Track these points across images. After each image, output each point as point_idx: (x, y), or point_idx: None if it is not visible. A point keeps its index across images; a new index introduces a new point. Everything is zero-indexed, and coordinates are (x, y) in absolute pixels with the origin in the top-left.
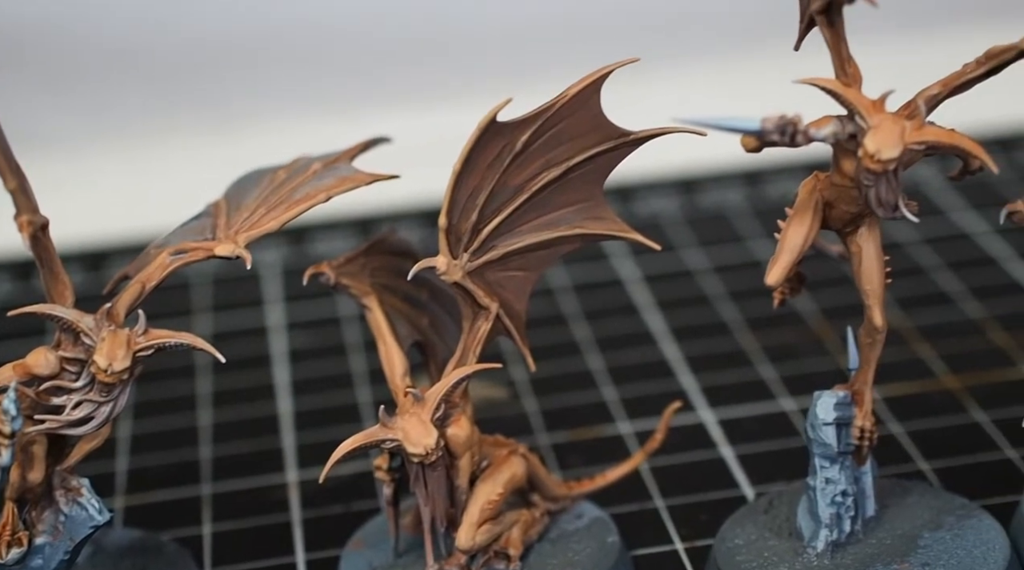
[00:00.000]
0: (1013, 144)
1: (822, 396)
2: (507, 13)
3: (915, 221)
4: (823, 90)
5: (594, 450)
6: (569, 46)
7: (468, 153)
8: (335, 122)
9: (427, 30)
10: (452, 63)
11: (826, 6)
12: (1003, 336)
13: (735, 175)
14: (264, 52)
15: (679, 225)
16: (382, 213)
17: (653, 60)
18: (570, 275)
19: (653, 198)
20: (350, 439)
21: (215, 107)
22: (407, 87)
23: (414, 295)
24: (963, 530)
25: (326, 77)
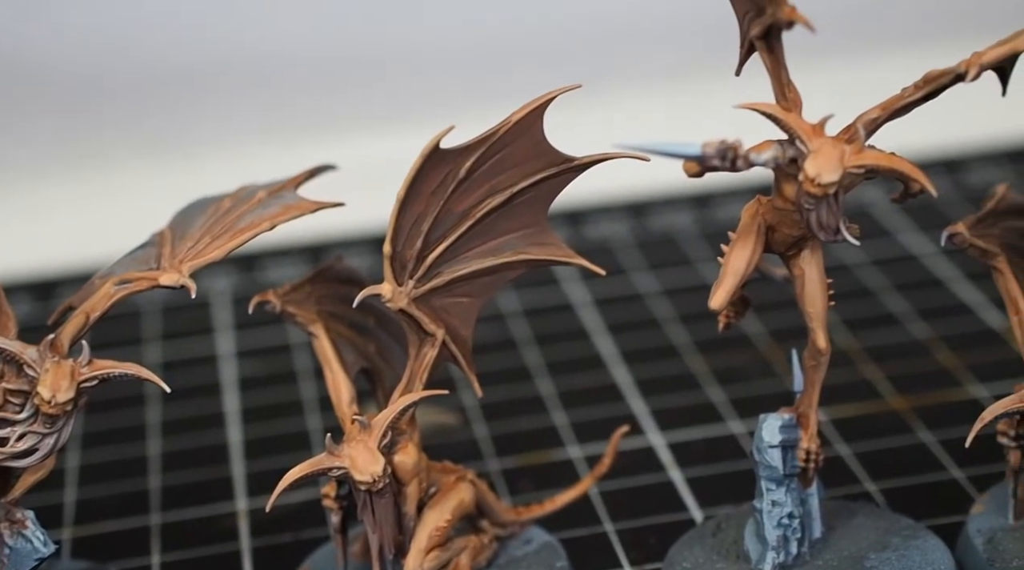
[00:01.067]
0: (958, 166)
1: (767, 419)
2: (451, 40)
3: (856, 244)
4: (763, 115)
5: (544, 475)
6: (513, 72)
7: (412, 180)
8: (281, 150)
9: (371, 57)
10: (397, 90)
11: (765, 31)
12: (949, 357)
13: (684, 198)
14: (209, 81)
15: (629, 249)
16: (333, 240)
17: (597, 86)
18: (520, 300)
19: (603, 222)
20: (297, 467)
21: (161, 137)
22: (353, 114)
23: (361, 322)
24: (909, 551)
25: (272, 105)
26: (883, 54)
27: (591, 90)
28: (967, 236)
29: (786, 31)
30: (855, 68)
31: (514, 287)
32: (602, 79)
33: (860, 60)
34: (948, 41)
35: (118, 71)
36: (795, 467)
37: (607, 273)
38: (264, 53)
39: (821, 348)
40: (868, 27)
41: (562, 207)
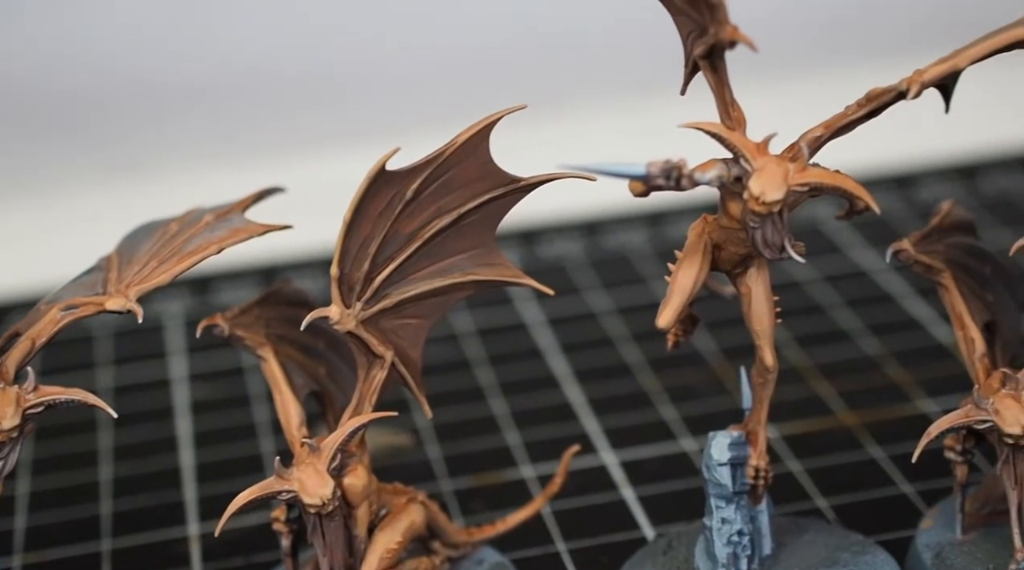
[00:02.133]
0: (909, 182)
1: (716, 437)
2: (399, 62)
3: (801, 261)
4: (708, 134)
5: (497, 495)
6: (460, 94)
7: (358, 202)
8: (231, 172)
9: (320, 79)
10: (347, 111)
11: (708, 51)
12: (900, 372)
13: (637, 217)
14: (156, 103)
15: (582, 268)
16: (287, 262)
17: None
18: (474, 320)
19: (557, 241)
20: (245, 491)
21: (109, 160)
22: (304, 136)
23: (311, 345)
24: (858, 566)
25: (222, 128)
26: (826, 72)
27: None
28: (912, 253)
29: (729, 51)
30: (799, 87)
31: (468, 307)
32: (550, 100)
33: (804, 78)
34: (892, 59)
35: (71, 94)
36: (744, 484)
37: (560, 293)
38: (214, 75)
39: (769, 365)
40: (811, 46)
41: (516, 226)
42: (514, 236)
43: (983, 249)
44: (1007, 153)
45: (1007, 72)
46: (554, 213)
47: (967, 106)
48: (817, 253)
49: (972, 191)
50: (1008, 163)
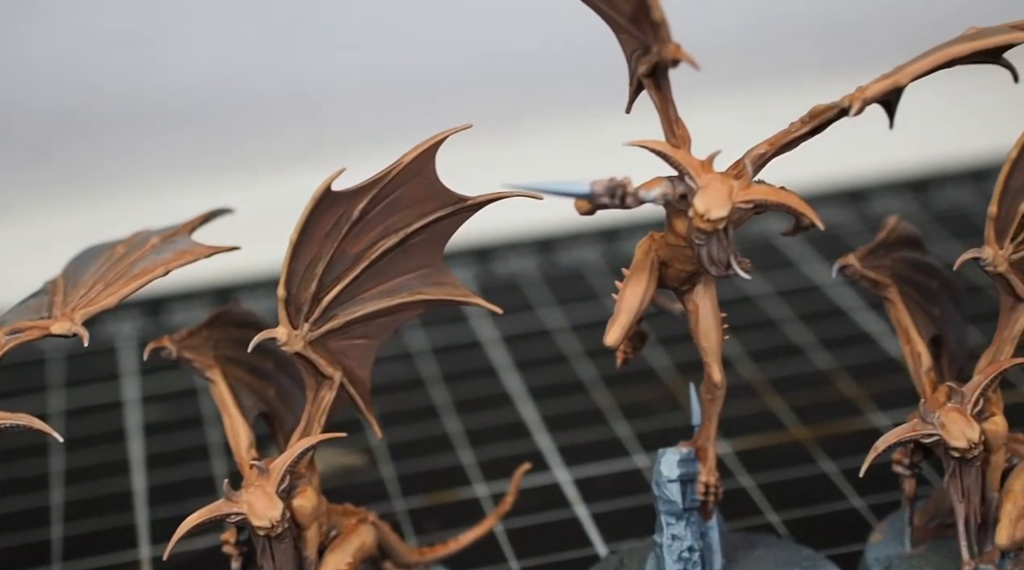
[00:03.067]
0: (861, 196)
1: (666, 453)
2: (345, 82)
3: (748, 278)
4: (652, 152)
5: (451, 514)
6: (408, 115)
7: (304, 223)
8: (177, 194)
9: (266, 101)
10: (296, 132)
11: (652, 70)
12: (851, 386)
13: (592, 233)
14: (101, 125)
15: (537, 285)
16: (240, 283)
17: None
18: (428, 338)
19: (512, 258)
20: (194, 514)
21: (54, 183)
22: (250, 157)
23: (260, 366)
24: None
25: (167, 149)
26: (771, 90)
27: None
28: (858, 267)
29: (673, 69)
30: (744, 104)
31: (422, 325)
32: (500, 119)
33: (749, 96)
34: (836, 75)
35: (14, 117)
36: (695, 501)
37: (514, 310)
38: (160, 100)
39: (717, 382)
40: (755, 63)
41: (470, 244)
42: (468, 254)
43: (929, 263)
44: (958, 167)
45: (957, 86)
46: (508, 230)
47: (918, 120)
48: (770, 268)
49: (923, 204)
50: (959, 177)
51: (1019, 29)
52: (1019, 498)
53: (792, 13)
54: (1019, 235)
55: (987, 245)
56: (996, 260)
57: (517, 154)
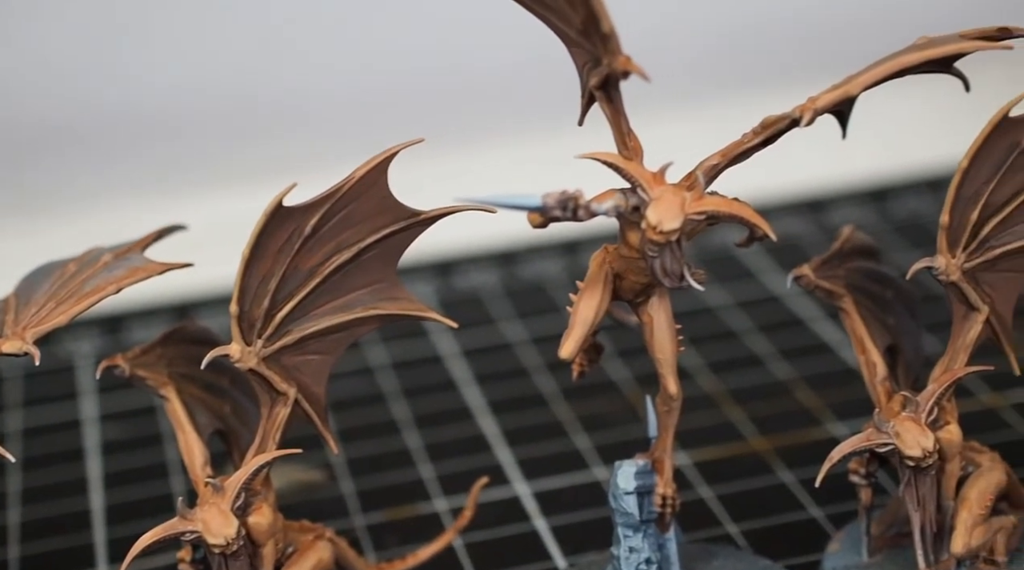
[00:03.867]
0: (821, 206)
1: (622, 466)
2: (297, 99)
3: (701, 290)
4: (604, 164)
5: (410, 529)
6: (359, 128)
7: (256, 238)
8: (130, 210)
9: (217, 117)
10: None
11: (603, 82)
12: (810, 396)
13: (553, 246)
14: (54, 141)
15: (498, 298)
16: (199, 299)
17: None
18: (389, 353)
19: (473, 272)
20: (148, 533)
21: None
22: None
23: (215, 383)
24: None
25: (119, 166)
26: (724, 101)
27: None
28: (812, 278)
29: (623, 81)
30: (697, 116)
31: (382, 340)
32: (454, 133)
33: (703, 107)
34: (790, 86)
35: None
36: (652, 513)
37: (475, 324)
38: (112, 115)
39: (672, 393)
40: (709, 75)
41: (431, 258)
42: (429, 268)
43: (884, 273)
44: (917, 176)
45: (916, 95)
46: (469, 244)
47: (877, 130)
48: (729, 279)
49: (883, 214)
50: (917, 186)
51: (969, 39)
52: (974, 506)
53: (745, 25)
54: (971, 244)
55: (939, 254)
56: (948, 269)
57: (473, 168)
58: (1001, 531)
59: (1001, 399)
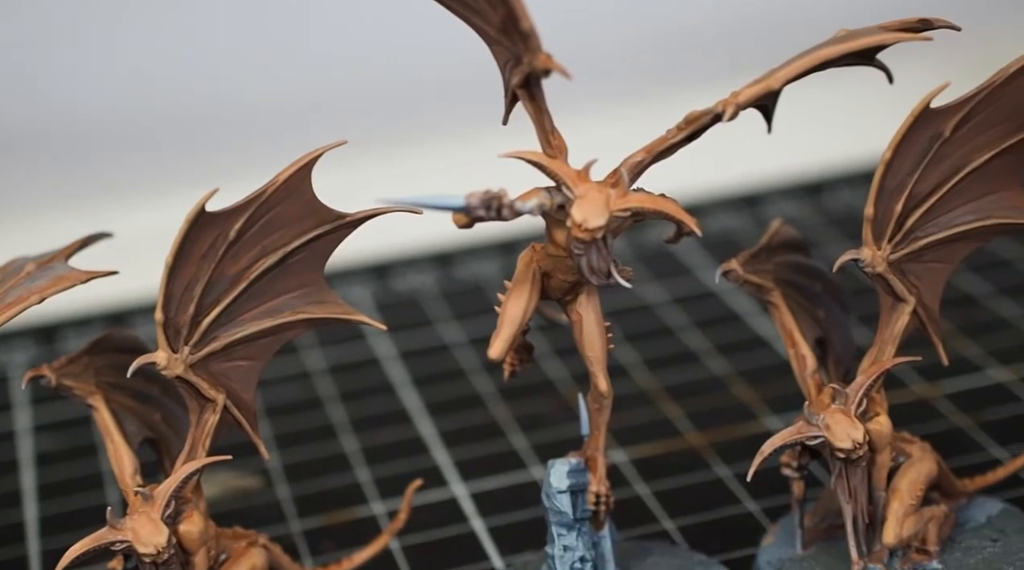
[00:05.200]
0: (757, 200)
1: (555, 465)
2: (221, 105)
3: (628, 287)
4: (528, 162)
5: (348, 533)
6: (286, 134)
7: (179, 245)
8: (54, 219)
9: (142, 124)
10: (175, 155)
11: (525, 80)
12: (746, 391)
13: (490, 246)
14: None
15: (435, 300)
16: (135, 307)
17: (377, 143)
18: (326, 357)
19: (410, 274)
20: (77, 544)
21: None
22: (129, 181)
23: (144, 391)
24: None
25: (44, 174)
26: (650, 98)
27: (372, 148)
28: (740, 273)
29: (545, 79)
30: (623, 113)
31: (319, 344)
32: (383, 136)
33: (629, 105)
34: (716, 82)
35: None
36: (586, 511)
37: (413, 326)
38: (36, 122)
39: (603, 391)
40: (637, 72)
41: (368, 261)
42: (366, 271)
43: (813, 266)
44: (851, 169)
45: (851, 89)
46: (406, 246)
47: (812, 124)
48: (666, 275)
49: (818, 208)
50: (852, 179)
51: (889, 31)
52: (905, 496)
53: (672, 23)
54: (897, 235)
55: (865, 246)
56: (874, 261)
57: (402, 170)
58: (932, 521)
59: (934, 389)
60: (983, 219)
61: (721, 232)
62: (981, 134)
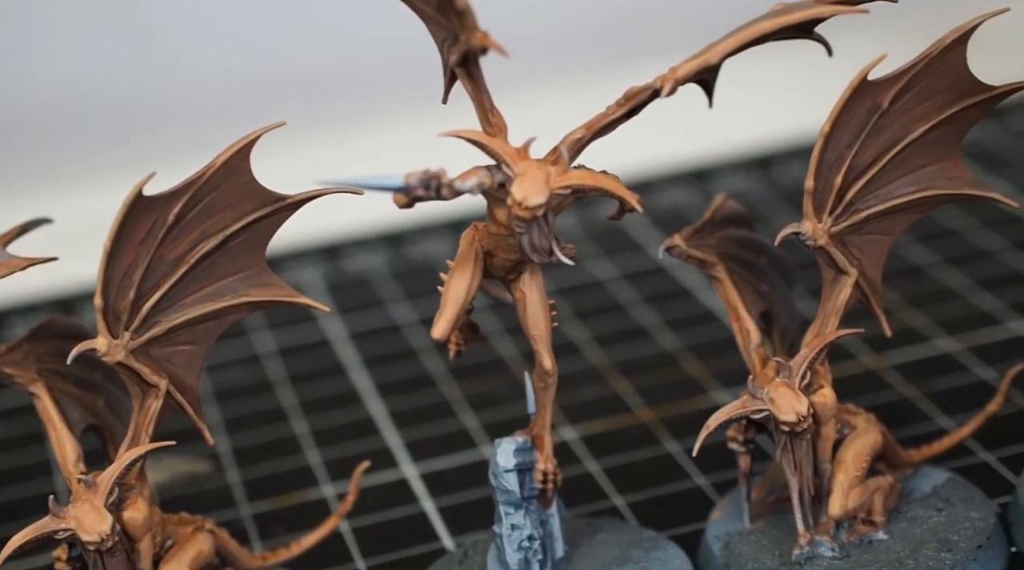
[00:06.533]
0: (707, 175)
1: (502, 443)
2: (158, 90)
3: (571, 264)
4: (467, 141)
5: (297, 516)
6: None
7: (117, 230)
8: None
9: (80, 110)
10: (111, 141)
11: (463, 59)
12: (696, 366)
13: (441, 225)
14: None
15: (386, 280)
16: (85, 292)
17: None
18: (276, 340)
19: (361, 254)
20: (19, 534)
21: None
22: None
23: (86, 378)
24: (649, 562)
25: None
26: (593, 75)
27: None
28: (684, 248)
29: (482, 57)
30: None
31: (269, 327)
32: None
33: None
34: (658, 58)
35: None
36: (534, 489)
37: (363, 307)
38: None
39: (547, 369)
40: (577, 49)
41: (318, 242)
42: (317, 252)
43: (757, 240)
44: (801, 143)
45: (798, 63)
46: (356, 227)
47: (761, 98)
48: (617, 251)
49: (768, 182)
50: (801, 153)
51: (824, 3)
52: (850, 468)
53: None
54: (837, 208)
55: (806, 219)
56: (815, 234)
57: (352, 152)
58: (878, 491)
59: (882, 361)
60: (923, 190)
61: (671, 207)
62: (919, 105)
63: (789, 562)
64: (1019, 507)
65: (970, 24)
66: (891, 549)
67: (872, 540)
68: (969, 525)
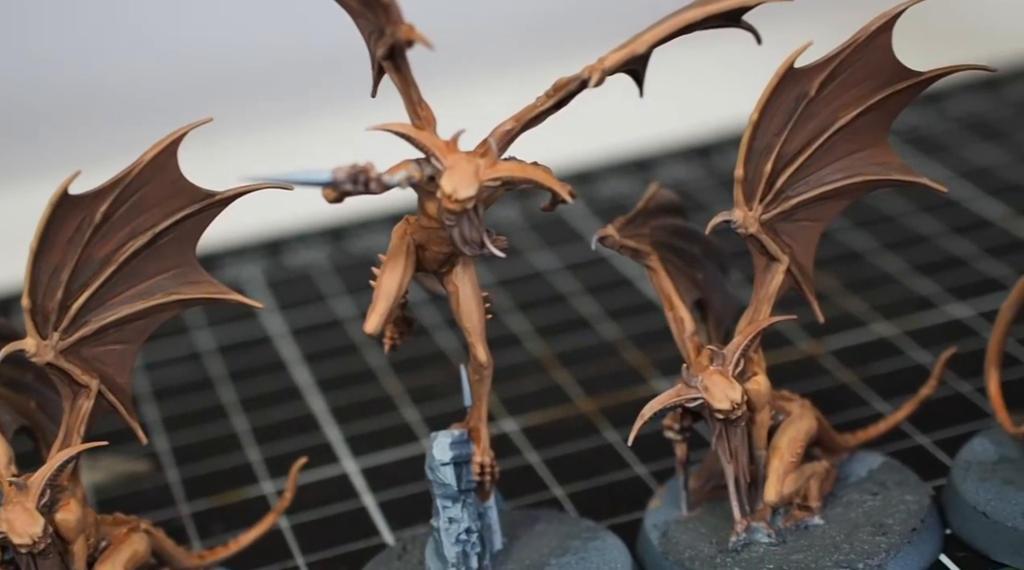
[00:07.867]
0: (648, 165)
1: (437, 437)
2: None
3: (502, 256)
4: (396, 134)
5: (237, 514)
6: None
7: (43, 230)
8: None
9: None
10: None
11: (390, 52)
12: (636, 355)
13: (383, 219)
14: None
15: (327, 274)
16: (13, 294)
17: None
18: (216, 337)
19: (303, 249)
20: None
21: None
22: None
23: (18, 379)
24: (588, 553)
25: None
26: (523, 67)
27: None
28: (617, 238)
29: (408, 50)
30: (497, 85)
31: (208, 324)
32: (251, 115)
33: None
34: (588, 50)
35: None
36: (471, 482)
37: (305, 302)
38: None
39: (482, 361)
40: (507, 43)
41: (259, 238)
42: (258, 248)
43: (691, 229)
44: (741, 131)
45: (737, 51)
46: (297, 221)
47: (700, 86)
48: (557, 242)
49: (709, 170)
50: (739, 141)
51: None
52: (785, 454)
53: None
54: (768, 195)
55: (736, 207)
56: (746, 221)
57: (285, 148)
58: (814, 477)
59: (819, 346)
60: (852, 176)
61: (612, 197)
62: (846, 92)
63: (726, 549)
64: (954, 490)
65: (895, 10)
66: (827, 534)
67: (808, 525)
68: (904, 508)
